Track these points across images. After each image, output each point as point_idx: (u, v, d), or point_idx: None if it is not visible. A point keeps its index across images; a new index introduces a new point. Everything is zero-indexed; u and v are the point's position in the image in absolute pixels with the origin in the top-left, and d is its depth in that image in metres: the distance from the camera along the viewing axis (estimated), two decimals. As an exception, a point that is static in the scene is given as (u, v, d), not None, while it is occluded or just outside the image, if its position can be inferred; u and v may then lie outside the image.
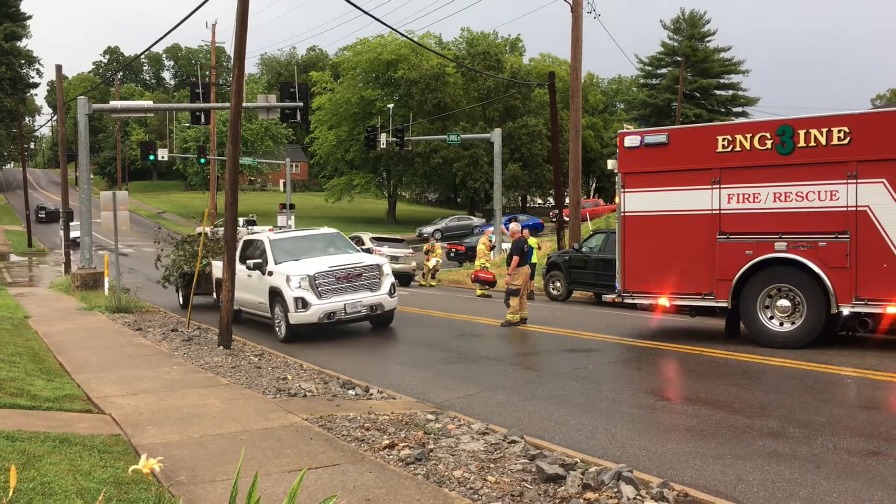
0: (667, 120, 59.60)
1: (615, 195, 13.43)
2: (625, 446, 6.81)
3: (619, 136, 13.01)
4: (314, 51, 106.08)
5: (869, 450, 6.37)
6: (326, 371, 10.74)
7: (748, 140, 11.63)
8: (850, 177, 10.83)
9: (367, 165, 66.45)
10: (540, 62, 75.77)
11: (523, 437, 7.02)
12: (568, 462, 6.14)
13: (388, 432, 7.33)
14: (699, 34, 68.60)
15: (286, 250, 14.93)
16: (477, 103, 63.13)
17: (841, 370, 9.69)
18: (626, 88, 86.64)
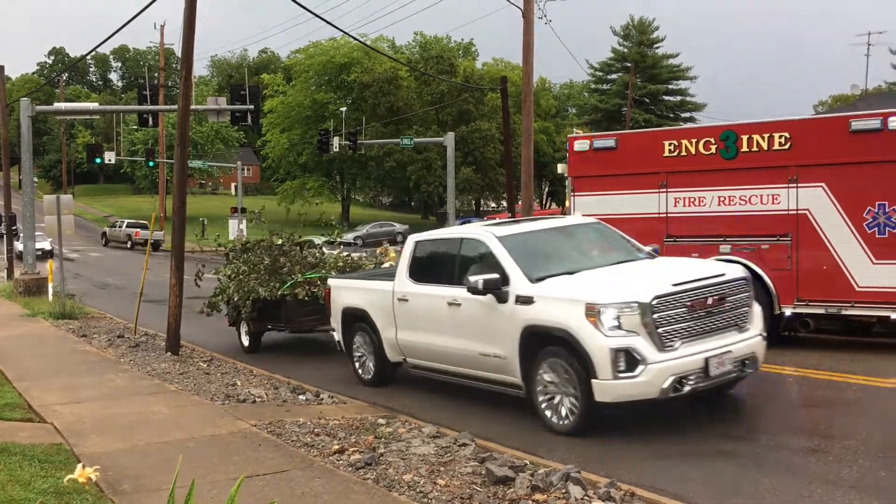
0: (617, 125, 60.33)
1: (566, 199, 13.57)
2: (575, 448, 6.88)
3: (570, 140, 13.18)
4: (266, 53, 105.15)
5: (809, 447, 6.54)
6: (276, 376, 10.64)
7: (693, 145, 11.86)
8: (790, 181, 11.11)
9: (321, 169, 66.08)
10: (493, 66, 76.11)
11: (474, 439, 7.04)
12: (517, 464, 6.19)
13: (338, 437, 7.30)
14: (648, 41, 69.60)
15: (537, 255, 8.39)
16: (430, 107, 63.24)
17: (783, 370, 9.92)
18: (577, 93, 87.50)
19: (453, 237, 9.39)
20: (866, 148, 10.68)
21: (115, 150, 57.09)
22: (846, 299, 10.79)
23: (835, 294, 10.87)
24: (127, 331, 15.27)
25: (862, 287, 10.69)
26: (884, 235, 10.56)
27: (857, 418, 7.67)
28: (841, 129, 10.97)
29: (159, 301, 16.30)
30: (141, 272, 15.15)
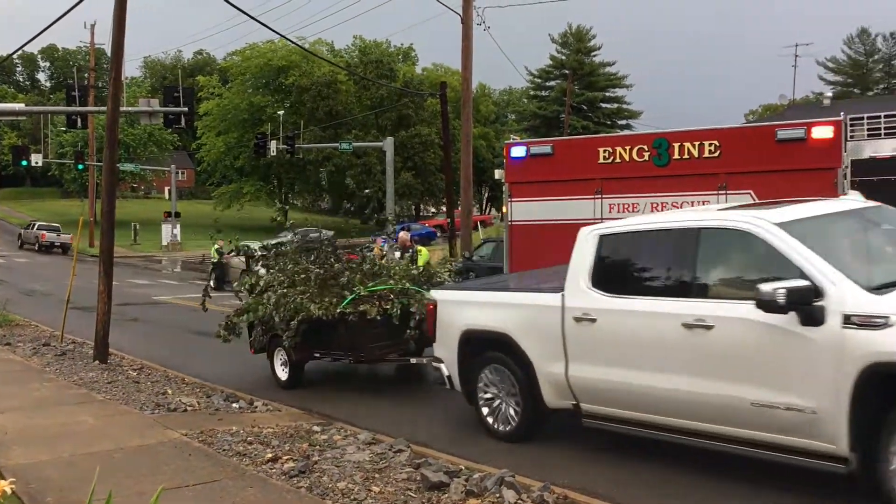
0: (556, 131, 61.06)
1: (503, 204, 13.66)
2: (512, 453, 6.90)
3: (506, 146, 13.26)
4: (201, 55, 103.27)
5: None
6: (209, 384, 10.44)
7: (627, 152, 12.06)
8: (720, 188, 11.39)
9: (258, 173, 65.17)
10: (433, 72, 76.28)
11: (409, 445, 7.02)
12: (453, 469, 6.19)
13: (271, 445, 7.19)
14: (586, 49, 70.69)
15: (853, 253, 6.04)
16: (370, 111, 63.03)
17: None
18: (516, 99, 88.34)
19: (683, 227, 6.39)
20: (791, 156, 11.03)
21: (43, 152, 55.20)
22: (773, 303, 11.08)
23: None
24: (53, 339, 14.78)
25: (788, 291, 11.01)
26: (808, 241, 10.90)
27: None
28: (767, 138, 11.31)
29: (88, 308, 15.81)
30: (68, 278, 14.65)
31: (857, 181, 10.88)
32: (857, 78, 71.24)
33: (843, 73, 72.38)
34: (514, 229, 12.90)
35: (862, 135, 11.16)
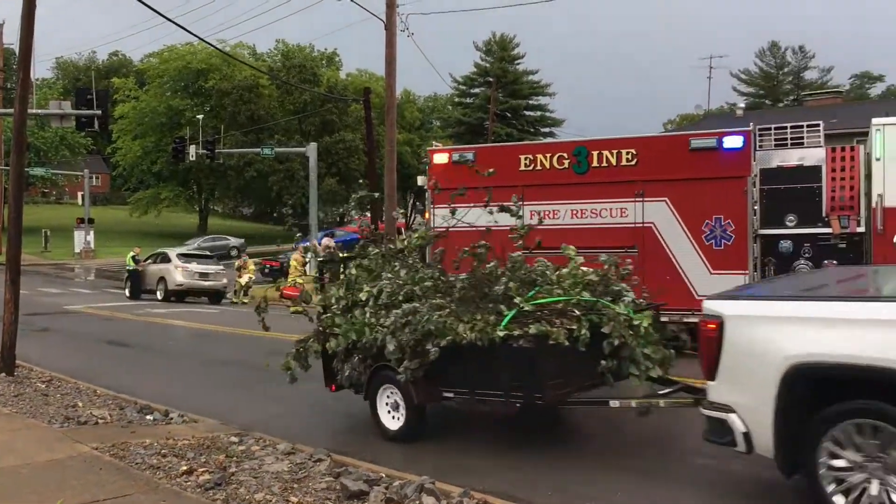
0: (480, 138, 61.50)
1: (425, 210, 13.69)
2: (432, 460, 6.90)
3: (429, 153, 13.32)
4: (117, 56, 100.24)
5: (648, 450, 6.85)
6: (123, 396, 10.10)
7: (548, 159, 12.27)
8: (637, 195, 11.70)
9: (177, 178, 63.57)
10: (357, 77, 75.90)
11: (330, 454, 6.94)
12: (373, 478, 6.14)
13: (186, 458, 6.99)
14: (509, 57, 71.51)
15: None
16: (293, 116, 62.29)
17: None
18: (441, 106, 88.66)
19: None
20: (704, 165, 11.42)
21: (-53, 154, 52.74)
22: (687, 307, 11.44)
23: (677, 303, 11.49)
24: (-44, 350, 14.08)
25: (701, 296, 11.34)
26: (720, 247, 11.30)
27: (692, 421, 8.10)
28: (681, 147, 11.69)
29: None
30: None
31: (766, 189, 11.30)
32: (769, 90, 74.20)
33: (755, 84, 75.27)
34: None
35: (770, 145, 11.60)
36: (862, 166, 11.06)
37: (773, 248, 11.24)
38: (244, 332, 17.11)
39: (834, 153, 11.21)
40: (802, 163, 11.34)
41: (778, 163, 11.44)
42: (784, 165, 11.40)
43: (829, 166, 11.15)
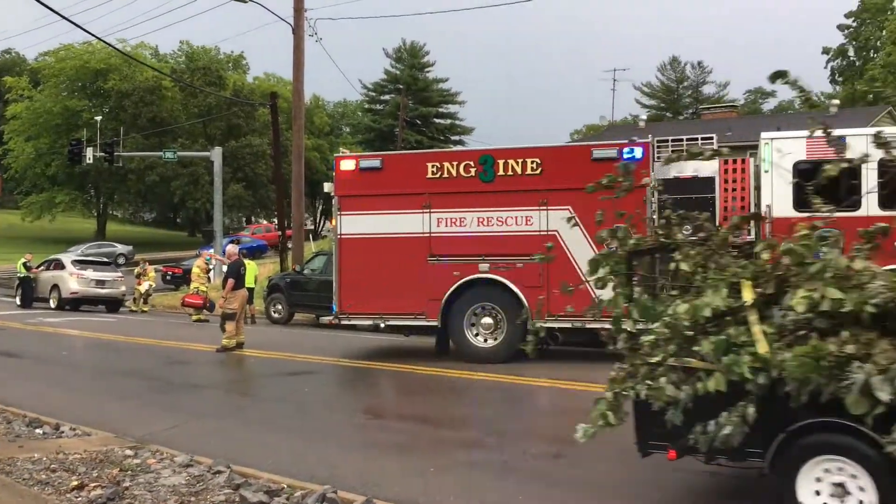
0: (391, 145, 61.49)
1: (332, 217, 13.57)
2: (335, 467, 6.83)
3: (336, 159, 13.23)
4: (10, 54, 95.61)
5: (553, 453, 6.99)
6: (11, 409, 9.59)
7: (455, 167, 12.36)
8: (541, 204, 11.91)
9: (73, 182, 61.04)
10: (265, 81, 74.72)
11: (230, 466, 6.77)
12: (274, 488, 6.03)
13: (78, 472, 6.70)
14: (419, 64, 71.84)
15: None
16: (197, 120, 60.78)
17: (535, 381, 10.57)
18: (351, 112, 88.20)
19: None
20: (605, 175, 11.70)
21: None
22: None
23: (580, 309, 11.74)
24: None
25: (604, 302, 11.64)
26: (621, 255, 11.58)
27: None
28: (584, 157, 11.96)
29: None
30: None
31: (663, 199, 11.68)
32: (670, 102, 76.92)
33: (657, 97, 77.89)
34: (344, 243, 12.86)
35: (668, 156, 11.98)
36: (752, 178, 11.57)
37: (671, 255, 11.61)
38: (143, 341, 16.57)
39: (726, 165, 11.68)
40: (697, 174, 11.75)
41: (675, 174, 11.84)
42: (680, 176, 11.80)
43: (722, 178, 11.61)
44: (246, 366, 13.26)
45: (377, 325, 12.97)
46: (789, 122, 39.22)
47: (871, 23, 64.65)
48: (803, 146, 11.21)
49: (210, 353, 14.40)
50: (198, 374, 12.36)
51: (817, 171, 11.13)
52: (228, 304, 14.73)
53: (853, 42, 67.43)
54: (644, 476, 6.17)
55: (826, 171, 5.48)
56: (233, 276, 14.89)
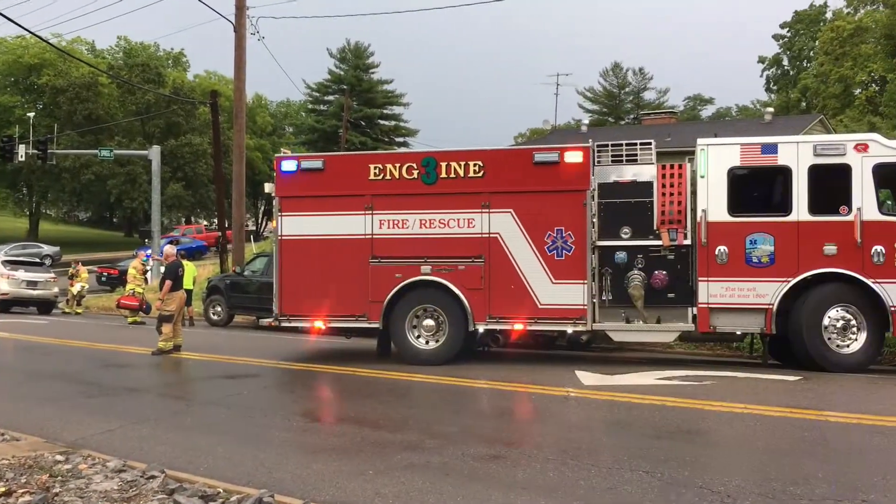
0: (334, 145, 61.07)
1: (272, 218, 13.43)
2: (272, 471, 6.75)
3: (277, 160, 13.08)
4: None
5: (492, 454, 7.02)
6: (-67, 415, 9.26)
7: (397, 169, 12.34)
8: (484, 206, 11.98)
9: (5, 180, 59.23)
10: (205, 79, 73.56)
11: (164, 471, 6.64)
12: (209, 493, 5.94)
13: (5, 479, 6.49)
14: (364, 65, 71.55)
15: None
16: (135, 117, 59.51)
17: (475, 383, 10.61)
18: (294, 112, 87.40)
19: None
20: (547, 178, 11.85)
21: None
22: (531, 316, 11.83)
23: (521, 311, 11.86)
24: None
25: (544, 304, 11.80)
26: (561, 258, 11.75)
27: (533, 425, 8.40)
28: (526, 161, 12.08)
29: None
30: None
31: (603, 203, 11.87)
32: (611, 108, 78.16)
33: (599, 102, 79.07)
34: (284, 244, 12.74)
35: (607, 160, 12.17)
36: (689, 183, 11.83)
37: (610, 258, 11.81)
38: (76, 343, 16.15)
39: (664, 170, 11.93)
40: (636, 179, 11.97)
41: (614, 178, 12.03)
42: (620, 181, 12.00)
43: (660, 182, 11.85)
44: (183, 369, 13.02)
45: (318, 327, 12.87)
46: (726, 129, 40.33)
47: (805, 33, 66.77)
48: (737, 152, 11.52)
49: (146, 355, 14.11)
50: (133, 378, 12.08)
51: (750, 177, 11.60)
52: (166, 306, 14.47)
53: (787, 52, 69.55)
54: (585, 476, 6.26)
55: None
56: (170, 278, 14.63)
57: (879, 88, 45.26)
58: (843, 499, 5.59)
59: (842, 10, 61.22)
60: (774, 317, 11.16)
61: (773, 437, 7.48)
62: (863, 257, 10.89)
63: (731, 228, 11.35)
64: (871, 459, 6.67)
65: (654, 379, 10.58)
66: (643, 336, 12.21)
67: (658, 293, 11.64)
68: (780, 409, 8.50)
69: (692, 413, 8.52)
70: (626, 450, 7.02)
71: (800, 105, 60.93)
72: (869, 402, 8.98)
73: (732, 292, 11.33)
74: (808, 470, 6.30)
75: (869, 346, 11.01)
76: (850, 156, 11.06)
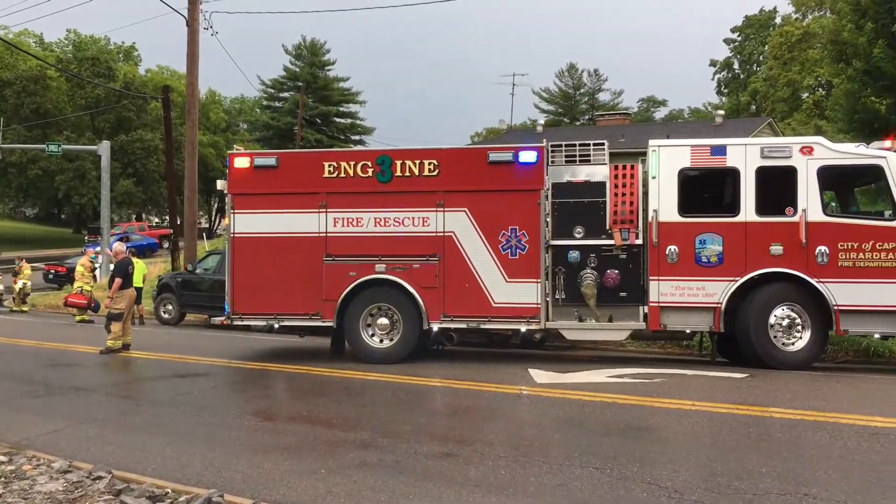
0: (290, 143, 60.47)
1: (225, 215, 13.27)
2: (222, 471, 6.68)
3: (230, 156, 12.92)
4: None
5: (445, 452, 7.04)
6: None
7: (352, 167, 12.29)
8: (438, 205, 12.00)
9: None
10: (158, 74, 72.31)
11: (111, 471, 6.53)
12: (157, 493, 5.87)
13: (-56, 482, 6.33)
14: (320, 62, 70.97)
15: None
16: (84, 112, 58.23)
17: (430, 381, 10.63)
18: (249, 109, 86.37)
19: None
20: (501, 178, 11.91)
21: None
22: (485, 315, 11.88)
23: (475, 310, 11.91)
24: None
25: (498, 303, 11.86)
26: (515, 257, 11.82)
27: (486, 423, 8.44)
28: (481, 160, 12.11)
29: None
30: None
31: (557, 203, 11.97)
32: (567, 108, 78.77)
33: (554, 102, 79.62)
34: (237, 242, 12.60)
35: (561, 161, 12.28)
36: (641, 184, 11.99)
37: (563, 258, 11.91)
38: (21, 342, 15.79)
39: (617, 171, 12.07)
40: (590, 179, 12.09)
41: (568, 178, 12.14)
42: (573, 181, 12.12)
43: (612, 183, 11.99)
44: (132, 368, 12.80)
45: (271, 325, 12.75)
46: (679, 131, 40.97)
47: (755, 38, 68.12)
48: (687, 154, 11.71)
49: (94, 354, 13.83)
50: (80, 377, 11.84)
51: (700, 178, 11.80)
52: (115, 304, 14.22)
53: (738, 56, 70.90)
54: (536, 473, 6.31)
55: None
56: (120, 275, 14.37)
57: (826, 93, 46.45)
58: (785, 493, 5.74)
59: (790, 16, 62.72)
60: (723, 315, 11.38)
61: (719, 434, 7.64)
62: (807, 257, 11.16)
63: (682, 228, 11.53)
64: (814, 454, 6.85)
65: (605, 377, 10.71)
66: (596, 334, 12.34)
67: (610, 292, 11.78)
68: (727, 406, 8.68)
69: (642, 410, 8.64)
70: (577, 447, 7.11)
71: (750, 108, 62.16)
72: (812, 398, 9.21)
73: (682, 291, 11.52)
74: (753, 465, 6.44)
75: (813, 344, 11.29)
76: (796, 158, 11.32)
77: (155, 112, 60.99)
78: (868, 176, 11.90)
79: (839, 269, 11.05)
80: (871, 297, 11.00)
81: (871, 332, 11.35)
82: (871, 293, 10.99)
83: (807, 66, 51.56)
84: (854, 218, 11.48)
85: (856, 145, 11.82)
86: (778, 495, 5.68)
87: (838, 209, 12.00)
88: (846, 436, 7.38)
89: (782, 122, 47.49)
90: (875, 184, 12.37)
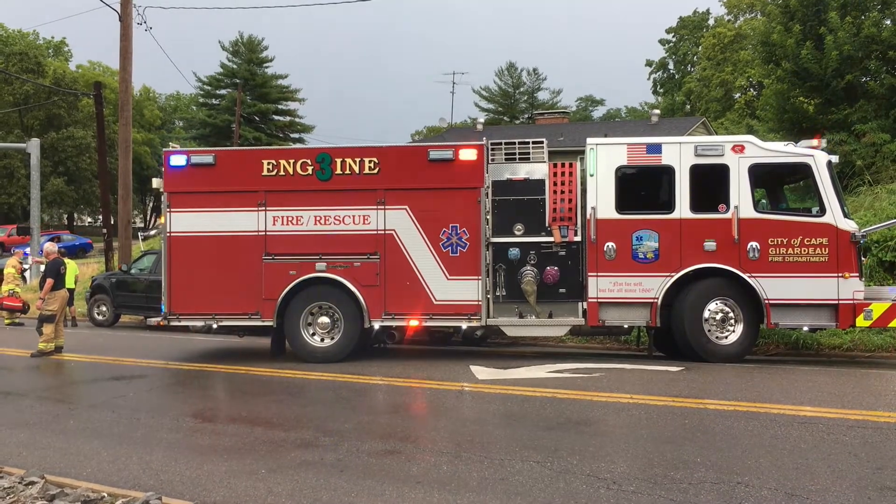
0: (227, 141, 59.50)
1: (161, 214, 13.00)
2: (159, 473, 6.56)
3: (165, 154, 12.68)
4: None
5: (387, 450, 7.05)
6: None
7: (291, 165, 12.19)
8: (379, 203, 11.99)
9: None
10: (89, 70, 70.36)
11: (44, 476, 6.35)
12: (92, 497, 5.74)
13: None
14: (258, 59, 69.96)
15: None
16: (12, 109, 56.32)
17: (371, 379, 10.61)
18: (185, 106, 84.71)
19: None
20: (441, 175, 11.96)
21: None
22: (426, 312, 11.91)
23: (417, 308, 11.93)
24: None
25: (439, 301, 11.91)
26: (456, 255, 11.88)
27: (428, 420, 8.48)
28: (421, 158, 12.14)
29: None
30: None
31: (497, 200, 12.07)
32: (506, 107, 79.23)
33: (494, 101, 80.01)
34: (174, 241, 12.38)
35: (501, 158, 12.38)
36: (579, 181, 12.17)
37: (504, 255, 12.02)
38: (-54, 347, 15.20)
39: (556, 169, 12.23)
40: (529, 177, 12.22)
41: (508, 176, 12.25)
42: (513, 178, 12.23)
43: (552, 181, 12.14)
44: (65, 371, 12.46)
45: (210, 326, 12.55)
46: (616, 129, 41.65)
47: (689, 39, 69.59)
48: (624, 152, 11.93)
49: (25, 357, 13.44)
50: (11, 381, 11.47)
51: (637, 176, 12.04)
52: (47, 306, 13.83)
53: (673, 56, 72.35)
54: (478, 469, 6.36)
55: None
56: (52, 276, 13.98)
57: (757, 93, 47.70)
58: (719, 482, 5.90)
59: (723, 18, 64.29)
60: (659, 310, 11.63)
61: (656, 426, 7.81)
62: (740, 253, 11.48)
63: (619, 225, 11.75)
64: (746, 444, 7.05)
65: (545, 372, 10.85)
66: (536, 331, 12.48)
67: (550, 288, 11.93)
68: (663, 399, 8.88)
69: (582, 404, 8.79)
70: (518, 441, 7.19)
71: (684, 107, 63.52)
72: (745, 390, 9.48)
73: (620, 287, 11.74)
74: (689, 455, 6.61)
75: (745, 337, 11.62)
76: (728, 156, 11.63)
77: (87, 109, 59.31)
78: (797, 173, 12.31)
79: (770, 263, 11.40)
80: (800, 291, 11.38)
81: (799, 324, 11.73)
82: (800, 287, 11.37)
83: (739, 66, 52.91)
84: (784, 214, 11.85)
85: (785, 144, 12.20)
86: (713, 484, 5.85)
87: (769, 206, 12.38)
88: (777, 425, 7.62)
89: (715, 122, 48.66)
90: (803, 181, 12.81)
